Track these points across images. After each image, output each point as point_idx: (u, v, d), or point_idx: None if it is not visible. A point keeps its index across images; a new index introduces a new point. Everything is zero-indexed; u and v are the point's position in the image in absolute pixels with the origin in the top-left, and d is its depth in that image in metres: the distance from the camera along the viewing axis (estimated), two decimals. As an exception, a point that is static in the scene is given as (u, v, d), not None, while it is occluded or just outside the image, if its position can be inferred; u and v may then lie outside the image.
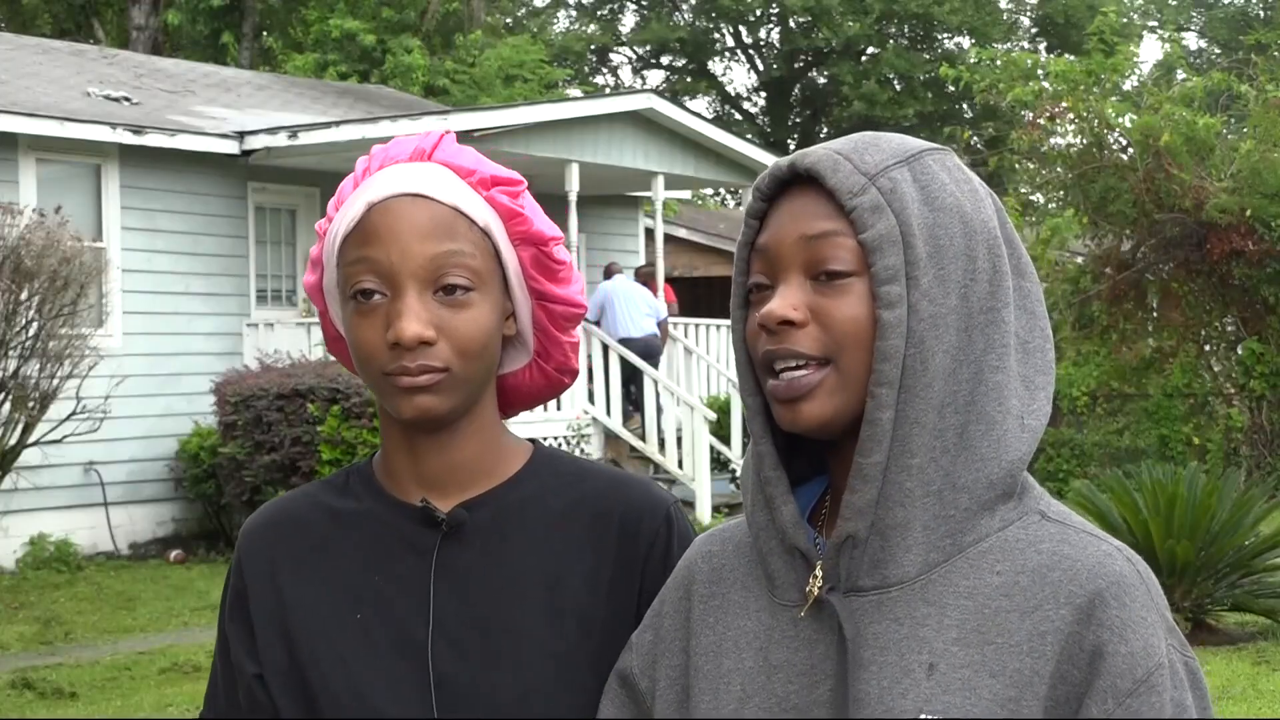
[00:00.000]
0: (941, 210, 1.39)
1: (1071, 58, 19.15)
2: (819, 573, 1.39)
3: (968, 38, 36.79)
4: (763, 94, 41.47)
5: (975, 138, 33.11)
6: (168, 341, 13.44)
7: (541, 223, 1.65)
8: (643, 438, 14.49)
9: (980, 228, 1.40)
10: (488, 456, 1.66)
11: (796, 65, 39.78)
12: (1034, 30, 40.33)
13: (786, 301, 1.38)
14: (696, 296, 22.96)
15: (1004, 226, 1.44)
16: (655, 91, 21.93)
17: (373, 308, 1.56)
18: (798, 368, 1.37)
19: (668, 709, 1.49)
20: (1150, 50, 44.99)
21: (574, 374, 1.74)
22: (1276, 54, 22.84)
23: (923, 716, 1.31)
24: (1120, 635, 1.31)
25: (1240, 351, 15.54)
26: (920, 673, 1.33)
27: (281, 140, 13.77)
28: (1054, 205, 18.04)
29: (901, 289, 1.35)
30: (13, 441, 10.64)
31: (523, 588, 1.61)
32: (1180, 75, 17.45)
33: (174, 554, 12.88)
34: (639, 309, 14.83)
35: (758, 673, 1.42)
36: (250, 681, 1.64)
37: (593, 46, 40.07)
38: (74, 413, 11.10)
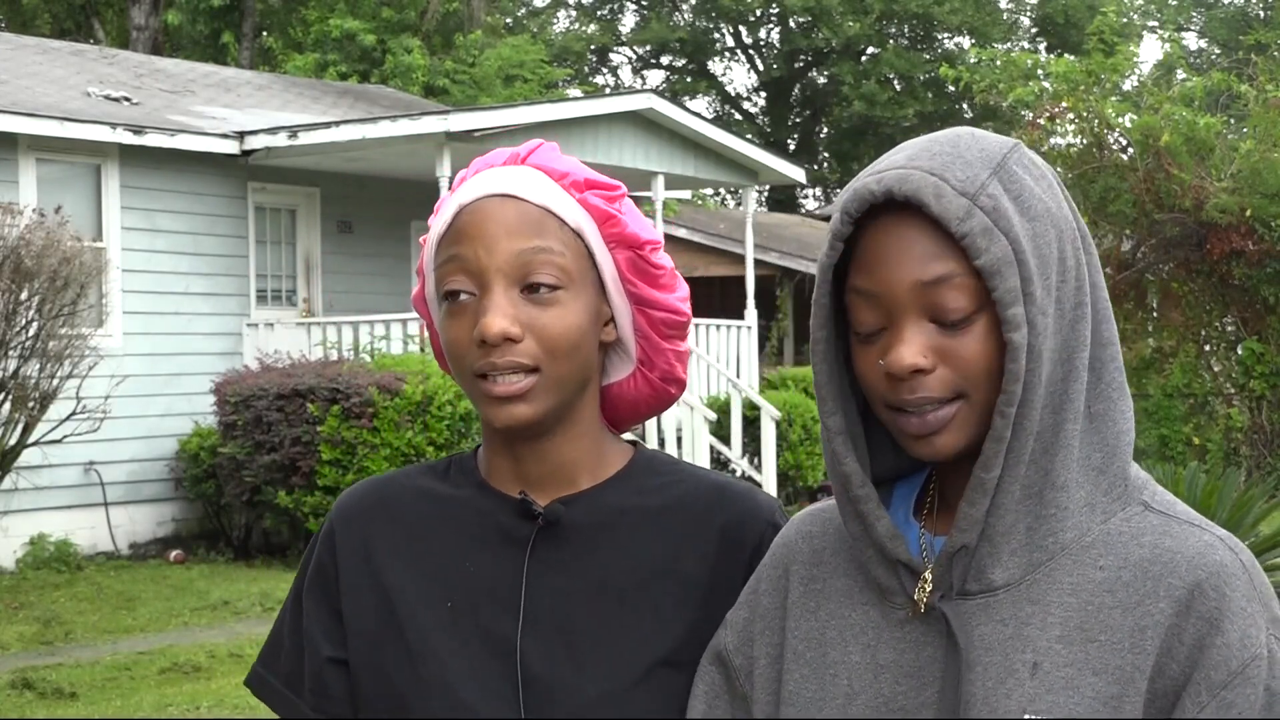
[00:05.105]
0: (1036, 219, 1.37)
1: (1071, 58, 19.14)
2: (928, 577, 1.40)
3: (968, 38, 36.80)
4: (763, 94, 41.46)
5: (975, 138, 33.08)
6: (168, 341, 13.43)
7: (638, 226, 1.63)
8: (642, 437, 14.48)
9: (1065, 225, 1.39)
10: (588, 458, 1.65)
11: (796, 65, 39.78)
12: (1034, 30, 40.32)
13: (913, 349, 1.35)
14: (696, 296, 22.66)
15: (1070, 204, 1.43)
16: (655, 91, 21.92)
17: (462, 307, 1.56)
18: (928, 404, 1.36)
19: (767, 686, 1.49)
20: (1150, 50, 45.01)
21: (681, 384, 1.71)
22: (1276, 54, 22.82)
23: (1027, 717, 1.32)
24: (1217, 627, 1.31)
25: (1240, 351, 15.53)
26: (1025, 672, 1.34)
27: (281, 140, 13.76)
28: (1054, 205, 18.02)
29: (1021, 309, 1.33)
30: (13, 441, 10.63)
31: (615, 588, 1.60)
32: (1180, 75, 17.43)
33: (174, 554, 12.87)
34: None
35: (864, 670, 1.42)
36: (323, 664, 1.63)
37: (593, 46, 40.05)
38: (74, 413, 11.09)
